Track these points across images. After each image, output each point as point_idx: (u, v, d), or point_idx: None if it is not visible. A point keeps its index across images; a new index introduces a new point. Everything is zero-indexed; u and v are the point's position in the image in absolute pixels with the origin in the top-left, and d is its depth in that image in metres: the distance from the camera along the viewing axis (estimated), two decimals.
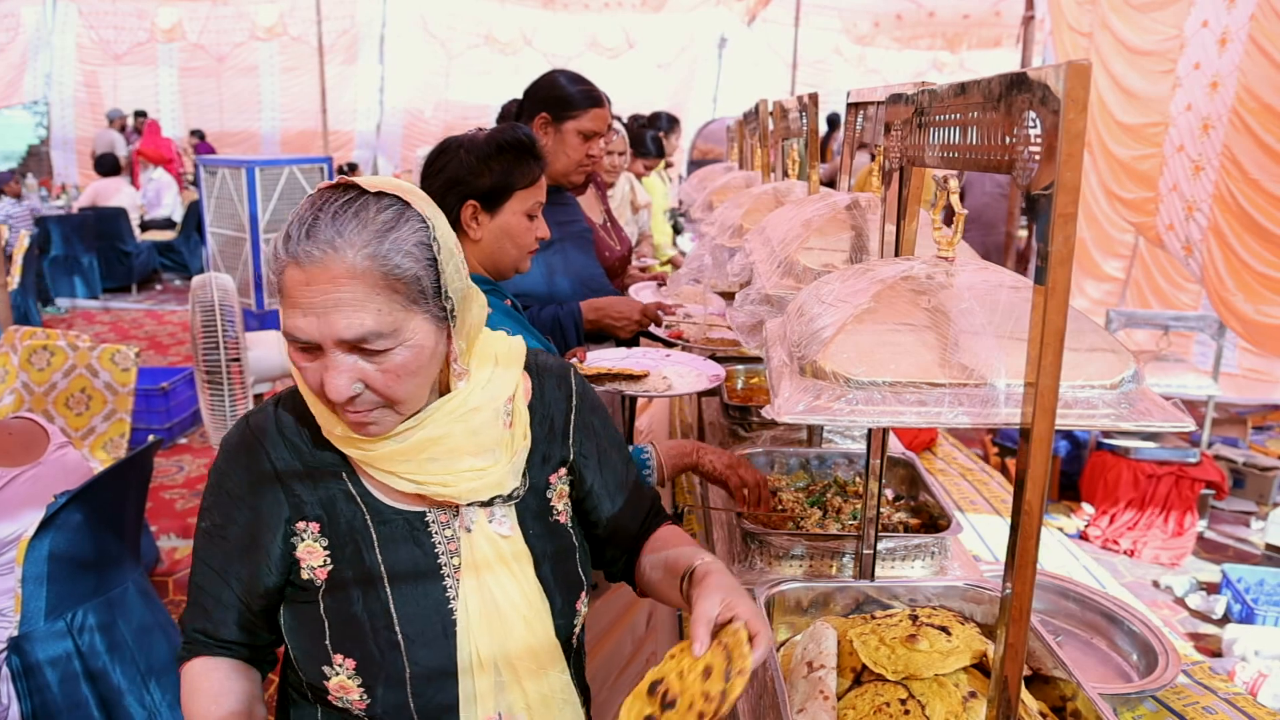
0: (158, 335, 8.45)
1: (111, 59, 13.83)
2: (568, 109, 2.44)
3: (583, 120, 2.44)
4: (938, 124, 1.10)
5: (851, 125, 1.72)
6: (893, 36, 9.70)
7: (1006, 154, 0.91)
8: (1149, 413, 0.93)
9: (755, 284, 1.56)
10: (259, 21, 13.14)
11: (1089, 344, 0.97)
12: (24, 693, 2.43)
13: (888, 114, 1.31)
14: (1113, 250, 6.48)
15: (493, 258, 1.83)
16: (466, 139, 1.81)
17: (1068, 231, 0.82)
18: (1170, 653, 1.67)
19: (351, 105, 13.22)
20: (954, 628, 1.26)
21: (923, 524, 1.79)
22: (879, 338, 0.98)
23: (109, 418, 4.02)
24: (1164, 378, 4.63)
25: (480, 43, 12.83)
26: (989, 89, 0.94)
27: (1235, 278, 5.08)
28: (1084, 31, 6.13)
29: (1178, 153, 5.53)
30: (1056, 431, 0.90)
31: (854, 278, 1.13)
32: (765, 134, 2.58)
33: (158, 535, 4.46)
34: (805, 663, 1.26)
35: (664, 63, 12.78)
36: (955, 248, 1.11)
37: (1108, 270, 6.57)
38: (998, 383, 0.93)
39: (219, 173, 7.52)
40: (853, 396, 0.94)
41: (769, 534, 1.62)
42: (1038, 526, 0.90)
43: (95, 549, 2.60)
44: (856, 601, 1.47)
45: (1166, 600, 3.98)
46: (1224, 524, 4.73)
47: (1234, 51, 4.93)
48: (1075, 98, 0.80)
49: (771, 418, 0.95)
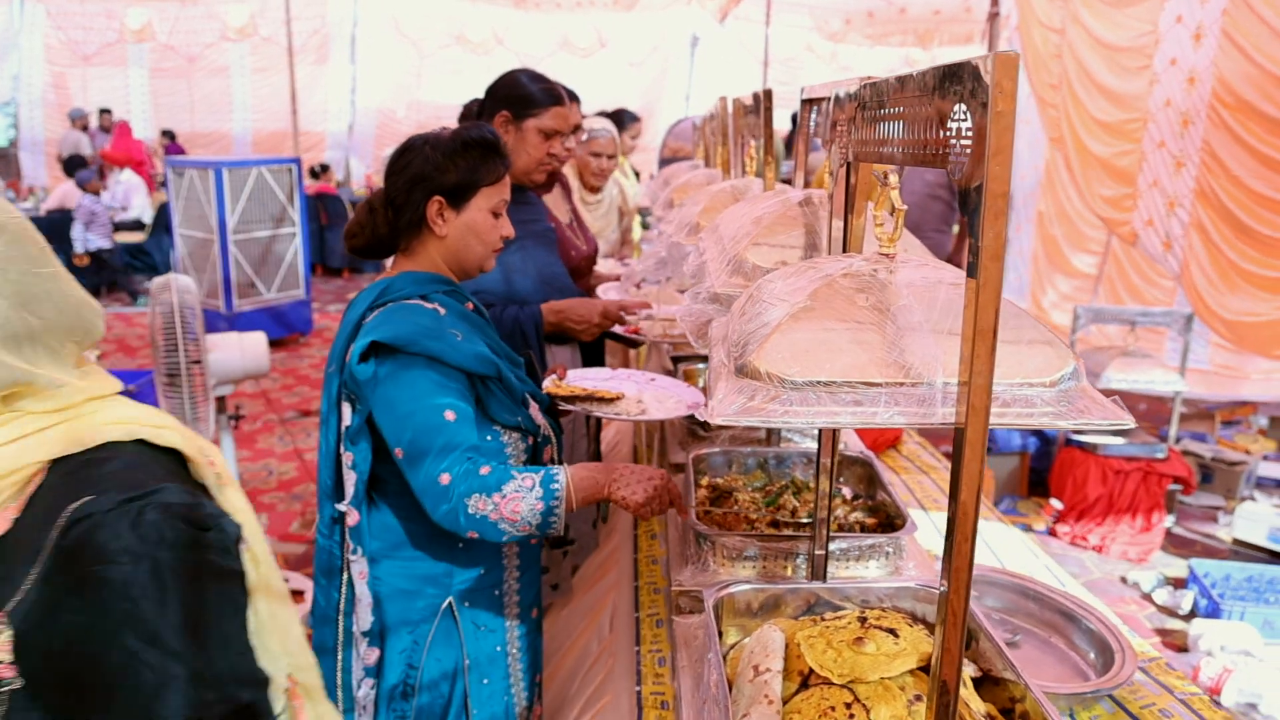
0: (126, 338, 8.35)
1: (80, 60, 13.65)
2: (528, 107, 2.41)
3: (544, 118, 2.41)
4: (879, 119, 1.09)
5: (805, 121, 1.70)
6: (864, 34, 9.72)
7: (941, 148, 0.89)
8: (1088, 410, 0.92)
9: (705, 282, 1.54)
10: (229, 22, 13.02)
11: (1028, 340, 0.95)
12: None
13: (834, 109, 1.30)
14: (1084, 246, 6.52)
15: (457, 255, 1.82)
16: (431, 136, 1.80)
17: (999, 226, 0.81)
18: (1127, 651, 1.66)
19: (323, 106, 13.12)
20: (902, 629, 1.24)
21: (880, 523, 1.78)
22: (815, 337, 0.96)
23: None
24: (1131, 373, 4.66)
25: (452, 43, 12.77)
26: (924, 82, 0.92)
27: (1218, 274, 5.12)
28: (1055, 27, 6.16)
29: (1158, 148, 5.56)
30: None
31: (795, 276, 1.11)
32: (726, 131, 2.56)
33: None
34: (751, 666, 1.24)
35: (636, 61, 12.77)
36: (896, 244, 1.09)
37: (1079, 266, 6.62)
38: (935, 381, 0.91)
39: (186, 174, 7.42)
40: (787, 397, 0.92)
41: (721, 535, 1.60)
42: (973, 528, 0.88)
43: None
44: (808, 603, 1.45)
45: (1134, 596, 4.00)
46: (1192, 519, 4.76)
47: (1209, 46, 4.96)
48: (1004, 89, 0.78)
49: (704, 419, 0.93)
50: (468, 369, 1.70)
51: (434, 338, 1.67)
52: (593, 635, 2.40)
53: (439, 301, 1.76)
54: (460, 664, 1.82)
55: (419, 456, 1.63)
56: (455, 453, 1.62)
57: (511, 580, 1.90)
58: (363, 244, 1.86)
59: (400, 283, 1.76)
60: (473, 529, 1.62)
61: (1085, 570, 4.22)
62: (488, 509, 1.59)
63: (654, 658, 1.78)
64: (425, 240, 1.80)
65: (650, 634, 1.86)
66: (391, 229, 1.82)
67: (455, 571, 1.81)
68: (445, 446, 1.61)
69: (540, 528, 1.62)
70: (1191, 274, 5.24)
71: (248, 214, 7.36)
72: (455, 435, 1.63)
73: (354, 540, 1.76)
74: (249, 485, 5.12)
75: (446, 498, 1.60)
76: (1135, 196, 5.71)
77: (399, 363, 1.65)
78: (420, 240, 1.81)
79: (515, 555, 1.90)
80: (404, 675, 1.79)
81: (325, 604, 1.84)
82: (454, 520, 1.61)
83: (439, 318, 1.72)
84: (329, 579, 1.83)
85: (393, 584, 1.79)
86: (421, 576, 1.79)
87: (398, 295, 1.74)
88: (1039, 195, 6.81)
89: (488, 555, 1.84)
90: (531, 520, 1.61)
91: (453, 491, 1.60)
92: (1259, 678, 3.21)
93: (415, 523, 1.76)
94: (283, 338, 8.05)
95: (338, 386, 1.74)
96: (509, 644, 1.89)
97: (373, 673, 1.78)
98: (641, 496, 1.66)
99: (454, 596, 1.81)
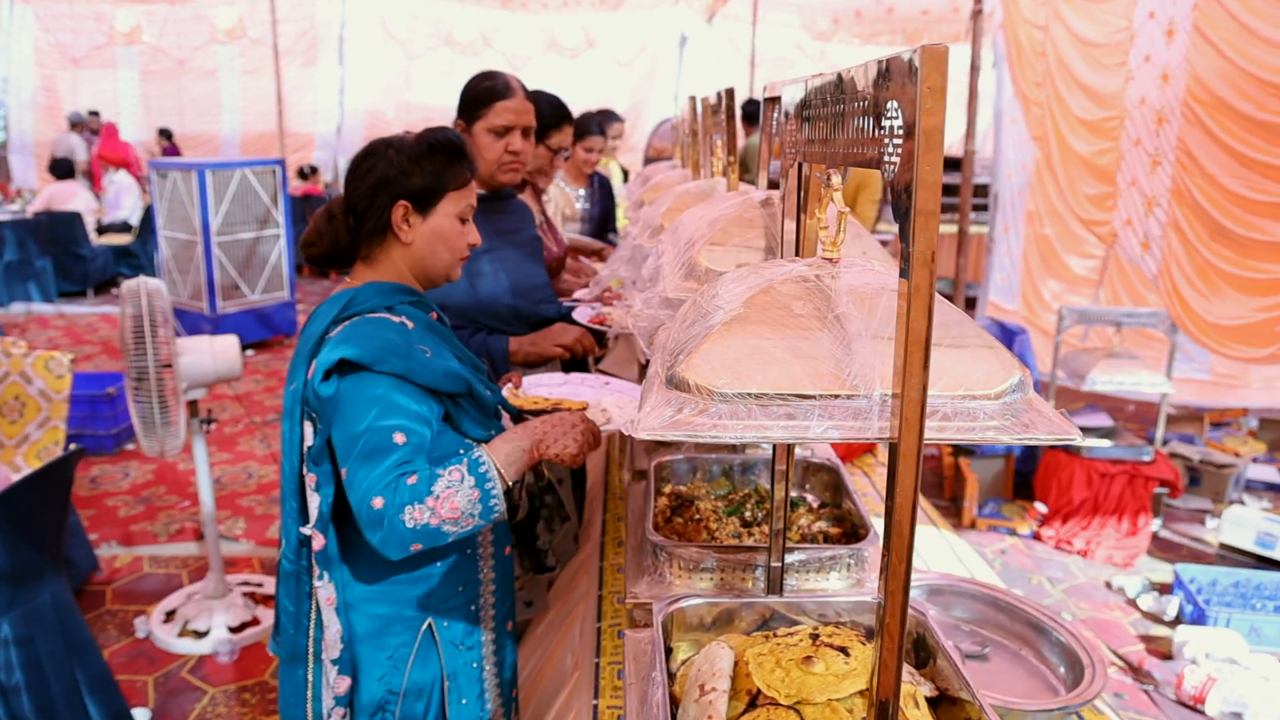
0: (112, 340, 8.29)
1: (70, 62, 13.59)
2: (474, 109, 2.36)
3: (489, 117, 2.35)
4: (821, 118, 1.04)
5: (769, 119, 1.66)
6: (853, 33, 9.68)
7: (875, 148, 0.85)
8: (1034, 425, 0.87)
9: (658, 286, 1.49)
10: (218, 24, 12.96)
11: (971, 349, 0.91)
12: None
13: (785, 107, 1.25)
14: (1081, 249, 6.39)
15: (423, 262, 1.76)
16: (395, 139, 1.75)
17: (929, 230, 0.76)
18: (1097, 665, 1.62)
19: (312, 107, 13.05)
20: (854, 648, 1.19)
21: (844, 533, 1.74)
22: (748, 346, 0.91)
23: (43, 425, 3.91)
24: (1117, 375, 4.61)
25: (440, 44, 12.71)
26: (861, 79, 0.88)
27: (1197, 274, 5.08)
28: (1039, 25, 6.12)
29: (1135, 147, 5.53)
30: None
31: (737, 281, 1.07)
32: (695, 131, 2.51)
33: (98, 544, 4.35)
34: (698, 685, 1.20)
35: (624, 61, 12.72)
36: (839, 248, 1.05)
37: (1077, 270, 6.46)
38: (872, 394, 0.87)
39: (170, 175, 7.37)
40: (716, 410, 0.88)
41: (678, 546, 1.55)
42: (908, 546, 0.84)
43: (11, 560, 2.51)
44: (763, 617, 1.40)
45: (1118, 602, 3.96)
46: (1179, 522, 4.72)
47: (1181, 42, 4.93)
48: (933, 84, 0.74)
49: (629, 434, 0.89)
50: (437, 388, 1.65)
51: (402, 355, 1.61)
52: (567, 647, 2.37)
53: (405, 314, 1.70)
54: (439, 682, 1.78)
55: (356, 481, 1.56)
56: (391, 476, 1.55)
57: (488, 595, 1.86)
58: (321, 253, 1.80)
59: (365, 294, 1.69)
60: (416, 541, 1.55)
61: (1070, 575, 4.18)
62: (425, 517, 1.53)
63: (614, 670, 1.74)
64: (389, 248, 1.74)
65: (611, 645, 1.82)
66: (353, 236, 1.76)
67: (434, 591, 1.76)
68: (385, 470, 1.55)
69: (484, 515, 1.57)
70: (1172, 275, 5.19)
71: (232, 216, 7.30)
72: (397, 457, 1.56)
73: (320, 565, 1.69)
74: (228, 489, 5.07)
75: (378, 521, 1.54)
76: (1116, 196, 5.67)
77: (361, 380, 1.59)
78: (384, 248, 1.75)
79: (491, 569, 1.86)
80: (382, 700, 1.74)
81: (294, 630, 1.76)
82: (391, 538, 1.54)
83: (407, 332, 1.66)
84: (296, 605, 1.76)
85: (368, 609, 1.73)
86: (400, 599, 1.74)
87: (362, 308, 1.67)
88: (1028, 195, 6.76)
89: (465, 572, 1.80)
90: (473, 512, 1.55)
91: (384, 513, 1.53)
92: (1244, 686, 3.17)
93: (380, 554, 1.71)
94: (267, 339, 8.00)
95: (298, 404, 1.67)
96: (484, 659, 1.86)
97: (344, 701, 1.73)
98: (575, 448, 1.67)
99: (433, 617, 1.76)
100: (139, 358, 3.27)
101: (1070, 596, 3.98)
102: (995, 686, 1.68)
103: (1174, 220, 5.28)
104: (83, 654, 2.64)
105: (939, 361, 0.87)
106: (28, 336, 8.33)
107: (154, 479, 5.23)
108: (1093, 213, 5.96)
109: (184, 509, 4.83)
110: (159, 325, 3.28)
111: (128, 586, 4.03)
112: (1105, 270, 6.07)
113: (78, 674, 2.61)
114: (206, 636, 3.56)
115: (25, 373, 3.92)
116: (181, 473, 5.29)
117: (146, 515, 4.76)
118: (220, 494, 4.97)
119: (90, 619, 3.74)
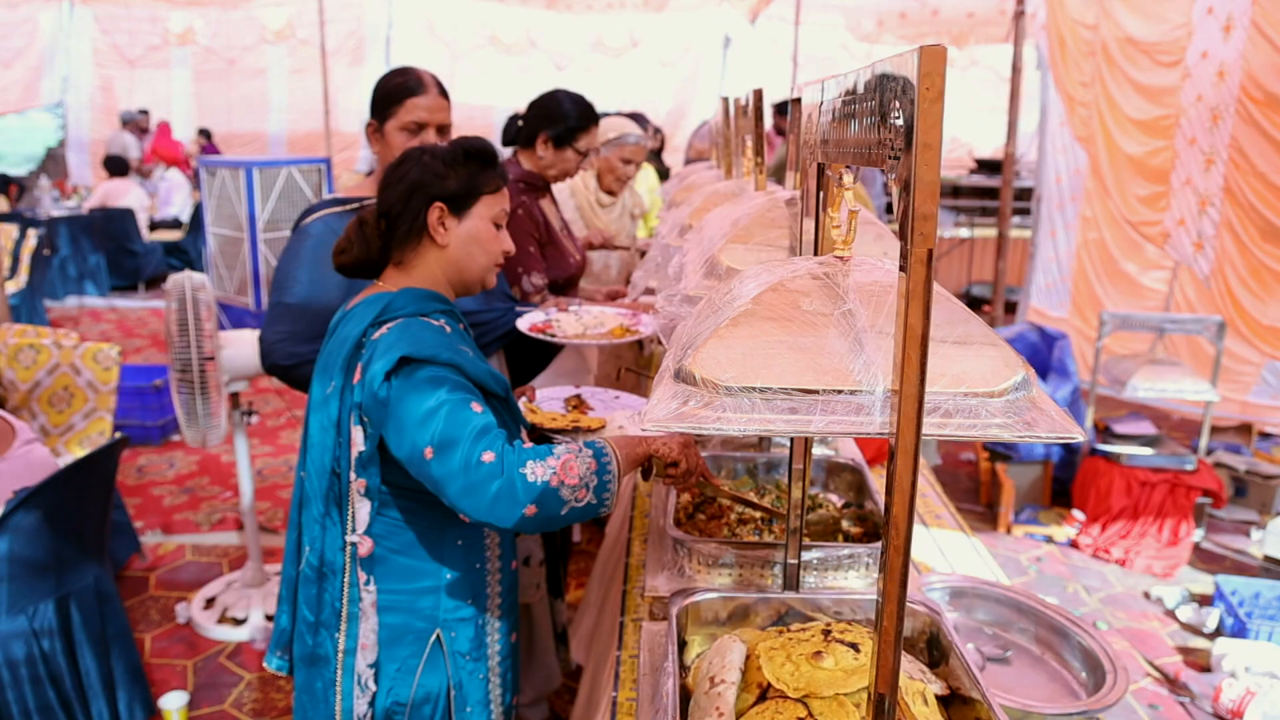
0: (161, 333, 8.48)
1: (126, 63, 13.92)
2: (385, 106, 2.23)
3: (400, 114, 2.21)
4: (836, 118, 1.06)
5: (797, 119, 1.67)
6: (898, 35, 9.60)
7: (878, 148, 0.86)
8: (1036, 424, 0.88)
9: (681, 284, 1.51)
10: (268, 25, 13.19)
11: (975, 346, 0.91)
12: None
13: (806, 108, 1.27)
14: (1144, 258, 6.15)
15: (459, 266, 1.75)
16: (429, 147, 1.76)
17: (927, 230, 0.77)
18: (1119, 671, 1.61)
19: (358, 106, 13.23)
20: (864, 644, 1.20)
21: (865, 533, 1.74)
22: (754, 341, 0.93)
23: (89, 415, 4.02)
24: (1159, 382, 4.53)
25: (485, 44, 12.81)
26: (867, 80, 0.90)
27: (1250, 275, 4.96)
28: (1088, 24, 6.03)
29: (1190, 145, 5.42)
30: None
31: (751, 279, 1.08)
32: (727, 132, 2.53)
33: (143, 531, 4.47)
34: (708, 678, 1.21)
35: (668, 61, 12.72)
36: (850, 246, 1.06)
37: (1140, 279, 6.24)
38: (875, 389, 0.88)
39: (218, 173, 7.53)
40: (721, 403, 0.90)
41: (698, 542, 1.57)
42: (905, 542, 0.85)
43: (54, 546, 2.59)
44: (779, 613, 1.42)
45: (1157, 612, 3.89)
46: (1223, 533, 4.62)
47: (1238, 38, 4.83)
48: (930, 85, 0.75)
49: (640, 427, 0.91)
50: (484, 385, 1.66)
51: (453, 351, 1.63)
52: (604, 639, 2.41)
53: (443, 320, 1.72)
54: (445, 693, 1.79)
55: (450, 445, 1.51)
56: (492, 433, 1.53)
57: (495, 608, 1.87)
58: (352, 260, 1.78)
59: (401, 299, 1.68)
60: (532, 501, 1.49)
61: (1107, 584, 4.12)
62: (547, 474, 1.50)
63: (634, 663, 1.76)
64: (424, 252, 1.74)
65: (633, 639, 1.84)
66: (385, 242, 1.75)
67: (444, 603, 1.76)
68: (481, 430, 1.53)
69: (598, 492, 1.54)
70: (1225, 276, 5.08)
71: (277, 213, 7.44)
72: (488, 420, 1.55)
73: (366, 571, 1.69)
74: (268, 480, 5.18)
75: (497, 473, 1.49)
76: (1168, 195, 5.55)
77: (422, 371, 1.58)
78: (418, 252, 1.74)
79: (498, 583, 1.87)
80: (389, 710, 1.74)
81: (314, 639, 1.74)
82: (509, 495, 1.49)
83: (447, 335, 1.67)
84: (317, 612, 1.73)
85: (382, 618, 1.73)
86: (411, 609, 1.74)
87: (400, 312, 1.66)
88: (1082, 200, 6.62)
89: (475, 584, 1.81)
90: (589, 481, 1.53)
91: (503, 464, 1.50)
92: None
93: (410, 555, 1.72)
94: None
95: (342, 409, 1.65)
96: (490, 672, 1.87)
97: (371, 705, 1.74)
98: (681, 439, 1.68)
99: (442, 628, 1.77)
100: (183, 350, 3.35)
101: (1107, 606, 3.92)
102: (1016, 689, 1.68)
103: (1226, 220, 5.16)
104: (122, 644, 2.72)
105: (941, 358, 0.88)
106: (80, 329, 8.56)
107: (198, 469, 5.36)
108: (1143, 214, 5.84)
109: (225, 499, 4.94)
110: (203, 319, 3.36)
111: (170, 573, 4.14)
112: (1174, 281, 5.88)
113: (115, 663, 2.68)
114: (244, 624, 3.65)
115: (74, 364, 4.04)
116: (224, 464, 5.40)
117: (190, 505, 4.87)
118: (260, 485, 5.08)
119: (133, 604, 3.84)
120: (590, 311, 2.40)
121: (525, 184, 2.85)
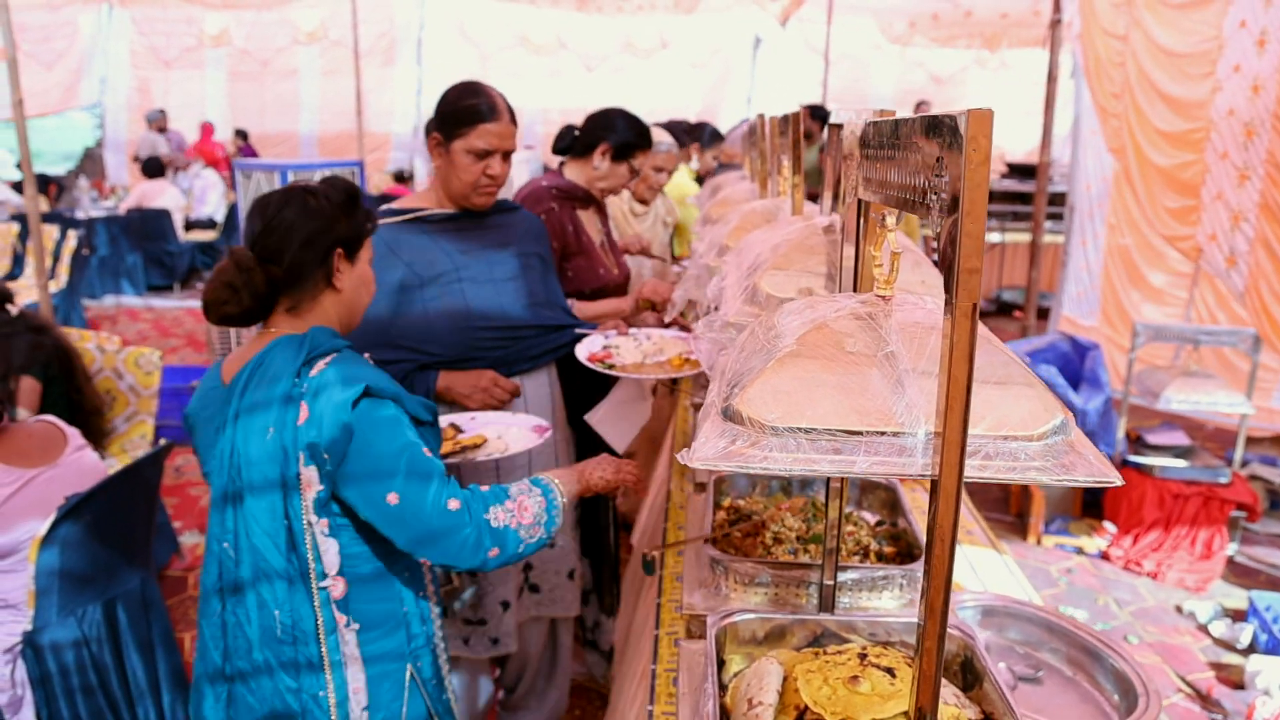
0: (196, 333, 8.61)
1: (162, 65, 14.13)
2: (454, 127, 2.28)
3: (471, 138, 2.25)
4: (878, 159, 1.08)
5: (835, 145, 1.69)
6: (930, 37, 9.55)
7: (921, 196, 0.88)
8: (1074, 468, 0.90)
9: (722, 310, 1.54)
10: (301, 26, 13.34)
11: (1014, 390, 0.94)
12: (37, 682, 2.48)
13: (845, 140, 1.29)
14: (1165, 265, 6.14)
15: (350, 307, 1.78)
16: (306, 187, 1.73)
17: (971, 285, 0.80)
18: (1151, 694, 1.62)
19: (389, 107, 13.36)
20: (900, 669, 1.23)
21: (898, 552, 1.76)
22: (799, 381, 0.96)
23: (130, 419, 4.11)
24: (1193, 394, 4.50)
25: (515, 44, 12.89)
26: (913, 128, 0.92)
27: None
28: (1119, 35, 5.99)
29: (1221, 159, 5.37)
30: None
31: (794, 315, 1.11)
32: (763, 148, 2.55)
33: (181, 531, 4.56)
34: (746, 699, 1.24)
35: (698, 63, 12.74)
36: (892, 286, 1.08)
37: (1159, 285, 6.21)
38: (917, 431, 0.91)
39: (254, 176, 7.65)
40: (768, 443, 0.93)
41: (734, 561, 1.60)
42: (947, 577, 0.87)
43: (104, 550, 2.66)
44: (814, 634, 1.44)
45: (1189, 627, 3.87)
46: (1257, 547, 4.58)
47: (1273, 53, 4.78)
48: (978, 145, 0.78)
49: (684, 463, 0.94)
50: (417, 415, 1.70)
51: (395, 384, 1.68)
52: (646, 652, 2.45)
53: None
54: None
55: (416, 494, 1.58)
56: (451, 480, 1.60)
57: (436, 630, 1.89)
58: (239, 310, 1.67)
59: (319, 337, 1.67)
60: (497, 544, 1.61)
61: (1138, 597, 4.10)
62: (507, 518, 1.62)
63: (669, 677, 1.79)
64: (320, 296, 1.73)
65: (668, 653, 1.87)
66: (272, 289, 1.68)
67: (413, 636, 1.79)
68: (440, 476, 1.61)
69: (548, 526, 1.68)
70: (1260, 292, 5.03)
71: None
72: (439, 466, 1.63)
73: (343, 612, 1.66)
74: None
75: (465, 521, 1.59)
76: (1199, 209, 5.50)
77: (372, 405, 1.60)
78: (314, 296, 1.72)
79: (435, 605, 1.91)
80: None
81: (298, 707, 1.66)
82: (476, 542, 1.59)
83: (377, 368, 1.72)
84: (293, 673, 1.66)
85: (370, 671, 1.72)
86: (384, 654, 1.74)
87: (326, 348, 1.65)
88: (1108, 207, 6.58)
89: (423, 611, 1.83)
90: (540, 518, 1.67)
91: (468, 513, 1.59)
92: None
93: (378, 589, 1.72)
94: None
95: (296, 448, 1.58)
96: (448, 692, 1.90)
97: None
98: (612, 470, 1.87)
99: (410, 662, 1.78)
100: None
101: (1138, 619, 3.91)
102: (1047, 711, 1.69)
103: (1262, 235, 5.11)
104: (166, 646, 2.78)
105: (982, 401, 0.90)
106: (117, 328, 8.72)
107: None
108: (1175, 228, 5.79)
109: None
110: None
111: None
112: (1194, 287, 5.84)
113: (159, 664, 2.74)
114: None
115: (117, 368, 4.13)
116: None
117: None
118: None
119: (173, 603, 3.93)
120: (649, 336, 2.44)
121: (558, 191, 2.89)
